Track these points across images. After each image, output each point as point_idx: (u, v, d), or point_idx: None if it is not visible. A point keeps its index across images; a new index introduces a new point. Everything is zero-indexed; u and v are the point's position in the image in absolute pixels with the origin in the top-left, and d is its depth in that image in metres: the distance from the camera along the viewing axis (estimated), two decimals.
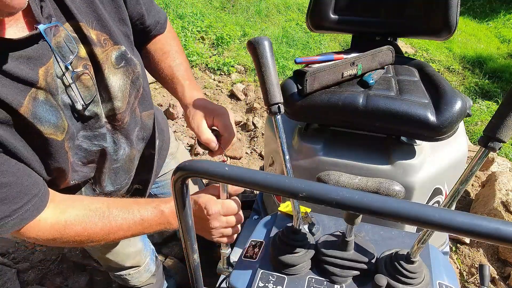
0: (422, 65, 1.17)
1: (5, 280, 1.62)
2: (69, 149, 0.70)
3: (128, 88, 0.81)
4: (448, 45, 4.96)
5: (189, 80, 0.92)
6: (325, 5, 1.26)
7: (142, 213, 0.74)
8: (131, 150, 0.89)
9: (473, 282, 1.70)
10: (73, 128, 0.71)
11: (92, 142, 0.77)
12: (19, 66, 0.59)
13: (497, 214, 1.82)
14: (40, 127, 0.62)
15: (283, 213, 0.87)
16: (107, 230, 0.71)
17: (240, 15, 4.51)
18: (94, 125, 0.76)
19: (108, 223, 0.71)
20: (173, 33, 1.00)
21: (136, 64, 0.82)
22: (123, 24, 0.79)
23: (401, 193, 0.92)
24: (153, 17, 0.91)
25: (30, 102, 0.61)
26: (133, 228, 0.74)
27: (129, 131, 0.86)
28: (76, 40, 0.68)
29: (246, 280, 0.72)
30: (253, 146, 2.64)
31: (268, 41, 0.67)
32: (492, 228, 0.30)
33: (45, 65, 0.63)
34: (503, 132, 0.51)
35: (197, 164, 0.40)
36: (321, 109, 0.99)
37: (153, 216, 0.74)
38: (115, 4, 0.76)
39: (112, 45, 0.75)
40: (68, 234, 0.69)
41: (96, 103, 0.74)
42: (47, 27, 0.62)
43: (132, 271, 1.25)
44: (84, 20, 0.69)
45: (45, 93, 0.63)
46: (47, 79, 0.63)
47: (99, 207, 0.72)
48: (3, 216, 0.60)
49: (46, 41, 0.62)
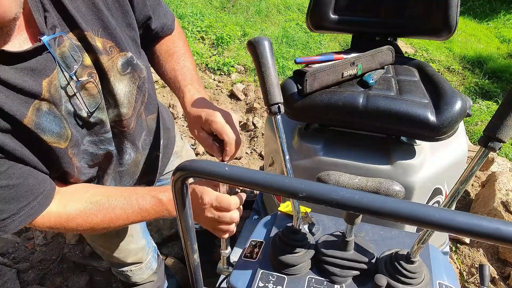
0: (422, 65, 1.17)
1: (5, 280, 1.62)
2: (73, 155, 0.72)
3: (134, 94, 0.81)
4: (448, 45, 4.96)
5: (192, 83, 0.88)
6: (325, 5, 1.27)
7: (140, 203, 0.76)
8: (136, 155, 0.90)
9: (473, 282, 1.70)
10: (77, 135, 0.72)
11: (98, 146, 0.79)
12: (23, 78, 0.59)
13: (497, 214, 1.82)
14: (43, 137, 0.64)
15: (283, 213, 0.87)
16: (107, 221, 0.75)
17: (240, 15, 4.51)
18: (100, 131, 0.77)
19: (107, 214, 0.74)
20: (180, 34, 0.99)
21: (142, 69, 0.81)
22: (131, 29, 0.78)
23: (401, 193, 0.92)
24: (160, 19, 0.89)
25: (33, 113, 0.62)
26: (132, 218, 0.76)
27: (135, 137, 0.87)
28: (80, 49, 0.68)
29: (246, 280, 0.72)
30: (253, 146, 2.64)
31: (268, 41, 0.67)
32: (492, 228, 0.30)
33: (49, 77, 0.63)
34: (503, 132, 0.51)
35: (197, 164, 0.40)
36: (321, 109, 0.99)
37: (151, 205, 0.76)
38: (122, 9, 0.75)
39: (118, 52, 0.74)
40: (70, 225, 0.73)
41: (102, 109, 0.75)
42: (51, 38, 0.61)
43: (134, 267, 1.26)
44: (89, 28, 0.68)
45: (48, 104, 0.64)
46: (50, 90, 0.63)
47: (99, 199, 0.75)
48: (10, 214, 0.64)
49: (50, 53, 0.62)
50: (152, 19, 0.86)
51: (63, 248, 1.83)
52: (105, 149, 0.80)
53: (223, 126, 0.75)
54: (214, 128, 0.76)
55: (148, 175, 1.02)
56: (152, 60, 0.95)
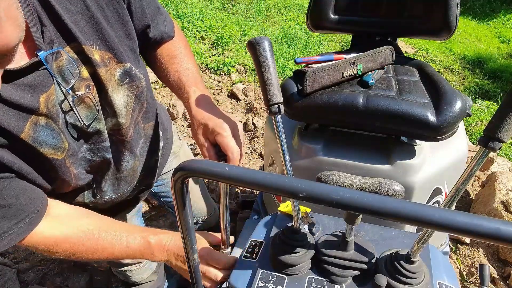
0: (422, 65, 1.17)
1: (5, 280, 1.62)
2: (70, 164, 0.72)
3: (132, 104, 0.81)
4: (448, 45, 4.96)
5: (196, 85, 0.87)
6: (325, 5, 1.26)
7: (129, 241, 0.78)
8: (134, 162, 0.90)
9: (473, 282, 1.70)
10: (74, 145, 0.72)
11: (96, 154, 0.79)
12: (20, 94, 0.59)
13: (497, 214, 1.82)
14: (40, 149, 0.64)
15: (283, 213, 0.87)
16: (92, 251, 0.76)
17: (240, 15, 4.51)
18: (97, 140, 0.77)
19: (94, 245, 0.76)
20: (181, 38, 0.98)
21: (140, 79, 0.81)
22: (129, 39, 0.78)
23: (401, 193, 0.91)
24: (159, 27, 0.89)
25: (31, 128, 0.62)
26: (117, 253, 0.77)
27: (133, 145, 0.87)
28: (78, 62, 0.68)
29: (246, 280, 0.72)
30: (253, 146, 2.64)
31: (268, 41, 0.67)
32: (492, 228, 0.30)
33: (46, 92, 0.63)
34: (503, 132, 0.51)
35: (197, 164, 0.40)
36: (321, 109, 0.99)
37: (138, 245, 0.78)
38: (121, 20, 0.74)
39: (116, 63, 0.74)
40: (56, 249, 0.74)
41: (99, 120, 0.75)
42: (48, 54, 0.61)
43: (133, 267, 1.26)
44: (87, 41, 0.68)
45: (46, 118, 0.64)
46: (48, 106, 0.63)
47: (90, 230, 0.76)
48: (1, 232, 0.64)
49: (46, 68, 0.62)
50: (151, 27, 0.85)
51: None
52: (102, 156, 0.80)
53: (229, 141, 0.74)
54: (219, 141, 0.75)
55: (147, 179, 1.02)
56: (154, 64, 0.95)
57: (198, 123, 0.79)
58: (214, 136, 0.76)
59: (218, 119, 0.77)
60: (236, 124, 0.78)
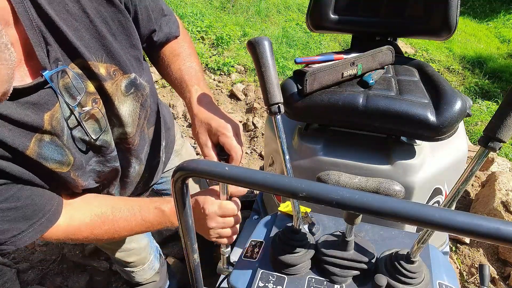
0: (422, 65, 1.17)
1: (5, 280, 1.62)
2: (76, 176, 0.73)
3: (137, 112, 0.82)
4: (448, 45, 4.96)
5: (199, 84, 0.87)
6: (325, 5, 1.26)
7: (143, 214, 0.78)
8: (140, 167, 0.92)
9: (473, 282, 1.70)
10: (81, 159, 0.73)
11: (105, 165, 0.81)
12: (25, 112, 0.59)
13: (497, 214, 1.82)
14: (46, 164, 0.65)
15: (283, 213, 0.87)
16: (112, 232, 0.78)
17: (240, 15, 4.51)
18: (106, 152, 0.78)
19: (112, 226, 0.77)
20: (186, 36, 0.98)
21: (145, 86, 0.82)
22: (134, 49, 0.78)
23: (401, 193, 0.91)
24: (163, 29, 0.89)
25: (35, 144, 0.63)
26: (136, 229, 0.79)
27: (139, 151, 0.88)
28: (84, 78, 0.68)
29: (246, 280, 0.72)
30: (253, 146, 2.64)
31: (268, 41, 0.67)
32: (492, 228, 0.30)
33: (51, 110, 0.63)
34: (503, 132, 0.51)
35: (197, 163, 0.40)
36: (321, 109, 0.99)
37: (154, 216, 0.78)
38: (126, 32, 0.74)
39: (122, 75, 0.75)
40: (77, 237, 0.76)
41: (106, 132, 0.76)
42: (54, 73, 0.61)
43: (136, 269, 1.27)
44: (92, 57, 0.68)
45: (50, 135, 0.65)
46: (52, 123, 0.64)
47: (104, 212, 0.77)
48: (20, 231, 0.66)
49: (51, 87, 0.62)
50: (156, 31, 0.86)
51: (63, 248, 1.83)
52: (111, 166, 0.82)
53: (232, 141, 0.76)
54: (223, 141, 0.76)
55: (150, 179, 1.04)
56: (157, 62, 0.95)
57: (200, 122, 0.79)
58: (217, 136, 0.77)
59: (221, 119, 0.78)
60: (237, 125, 0.79)
